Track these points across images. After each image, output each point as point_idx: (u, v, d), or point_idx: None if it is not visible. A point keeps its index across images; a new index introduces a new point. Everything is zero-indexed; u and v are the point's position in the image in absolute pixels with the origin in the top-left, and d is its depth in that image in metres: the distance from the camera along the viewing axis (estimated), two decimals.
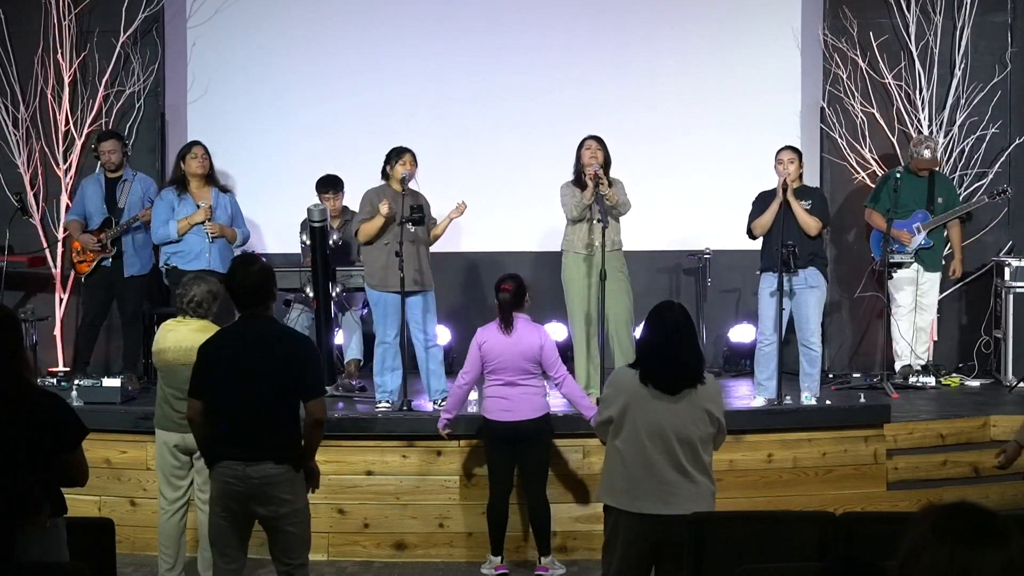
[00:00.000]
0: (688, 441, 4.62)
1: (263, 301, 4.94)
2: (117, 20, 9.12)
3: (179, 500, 6.10)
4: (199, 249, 7.86)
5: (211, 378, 4.89)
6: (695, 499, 4.63)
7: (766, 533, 4.77)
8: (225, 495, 4.84)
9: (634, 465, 4.64)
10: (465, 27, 9.48)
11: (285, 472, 4.82)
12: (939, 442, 7.43)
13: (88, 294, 8.43)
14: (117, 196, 8.29)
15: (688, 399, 4.62)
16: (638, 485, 4.63)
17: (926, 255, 8.67)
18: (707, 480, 4.70)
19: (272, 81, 9.44)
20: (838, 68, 9.17)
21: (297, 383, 4.86)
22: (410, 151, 7.44)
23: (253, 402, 4.79)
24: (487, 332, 6.49)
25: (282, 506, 4.83)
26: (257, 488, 4.78)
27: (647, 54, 9.43)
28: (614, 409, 4.69)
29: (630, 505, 4.65)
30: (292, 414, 4.88)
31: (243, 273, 4.96)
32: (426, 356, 7.43)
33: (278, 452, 4.80)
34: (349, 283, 8.09)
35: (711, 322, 9.42)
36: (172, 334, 6.07)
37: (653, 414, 4.61)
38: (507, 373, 6.41)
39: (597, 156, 7.63)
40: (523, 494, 6.63)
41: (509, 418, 6.40)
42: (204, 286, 6.10)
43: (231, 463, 4.80)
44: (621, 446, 4.68)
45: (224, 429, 4.82)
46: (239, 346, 4.89)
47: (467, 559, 6.86)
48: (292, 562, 4.94)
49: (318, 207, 7.66)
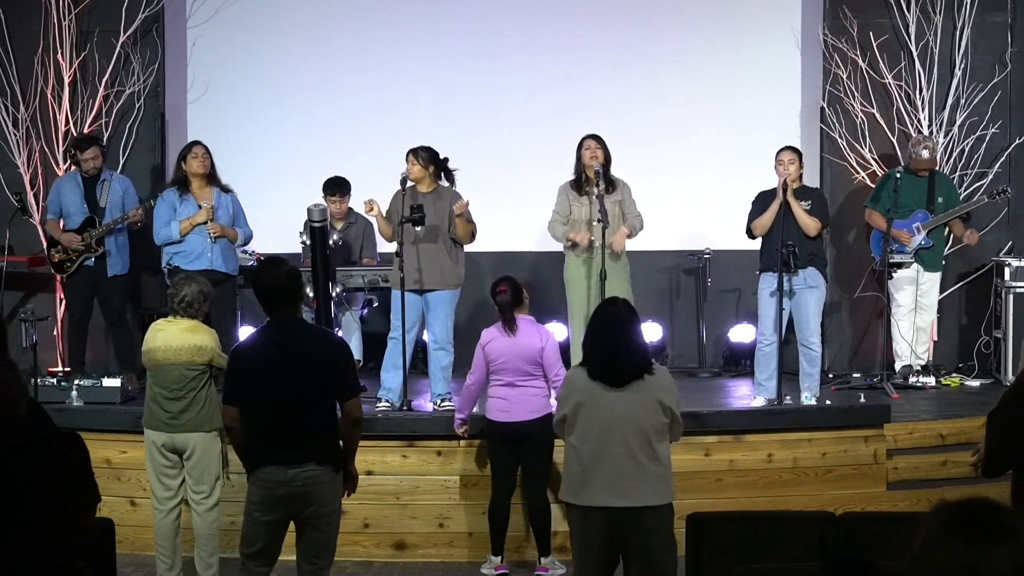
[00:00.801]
0: (641, 431, 4.67)
1: (293, 302, 4.91)
2: (117, 20, 9.11)
3: (171, 499, 6.09)
4: (201, 249, 7.86)
5: (246, 383, 4.85)
6: (650, 491, 4.68)
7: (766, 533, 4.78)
8: (267, 500, 4.80)
9: (588, 460, 4.70)
10: (465, 28, 9.47)
11: (326, 473, 4.81)
12: (939, 442, 7.43)
13: (72, 294, 8.42)
14: (98, 196, 8.27)
15: (637, 390, 4.69)
16: (592, 479, 4.69)
17: (926, 255, 8.67)
18: (663, 470, 4.73)
19: (272, 81, 9.44)
20: (838, 68, 9.17)
21: (334, 383, 4.84)
22: (412, 152, 7.46)
23: (291, 405, 4.76)
24: (491, 333, 6.52)
25: (323, 507, 4.82)
26: (300, 490, 4.77)
27: (647, 54, 9.43)
28: (567, 407, 4.79)
29: (585, 499, 4.71)
30: (330, 415, 4.87)
31: (272, 275, 4.91)
32: (437, 357, 7.46)
33: (319, 453, 4.79)
34: (349, 283, 8.09)
35: (711, 322, 9.43)
36: (162, 334, 6.06)
37: (605, 408, 4.69)
38: (508, 374, 6.43)
39: (597, 155, 7.63)
40: (524, 494, 6.64)
41: (507, 419, 6.42)
42: (195, 286, 6.10)
43: (272, 468, 4.77)
44: (576, 442, 4.76)
45: (272, 432, 4.76)
46: (272, 349, 4.84)
47: (467, 559, 6.86)
48: (320, 563, 4.93)
49: (318, 207, 7.65)
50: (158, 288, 9.33)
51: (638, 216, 7.75)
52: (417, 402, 7.46)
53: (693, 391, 8.20)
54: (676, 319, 9.55)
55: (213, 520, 6.10)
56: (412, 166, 7.43)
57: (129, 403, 7.46)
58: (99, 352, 8.87)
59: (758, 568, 4.33)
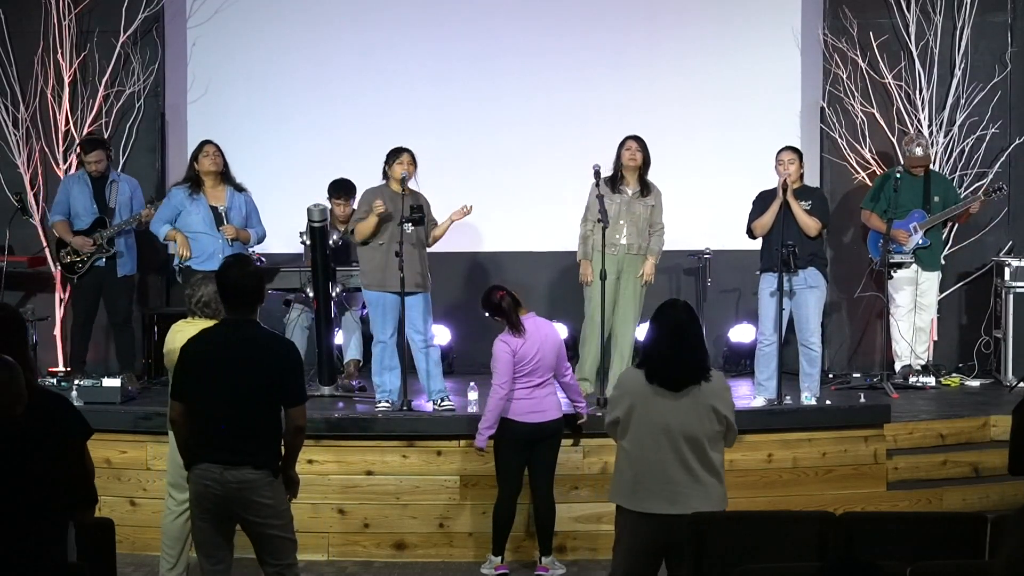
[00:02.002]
0: (694, 439, 4.62)
1: (253, 304, 4.91)
2: (117, 20, 9.11)
3: (187, 501, 6.09)
4: (212, 250, 7.85)
5: (193, 380, 4.83)
6: (702, 499, 4.63)
7: (766, 533, 4.77)
8: (203, 498, 4.80)
9: (640, 464, 4.65)
10: (465, 28, 9.47)
11: (263, 477, 4.76)
12: (939, 442, 7.44)
13: (79, 295, 8.42)
14: (107, 196, 8.27)
15: (693, 396, 4.62)
16: (644, 485, 4.64)
17: (924, 254, 8.67)
18: (715, 481, 4.68)
19: (272, 81, 9.44)
20: (838, 68, 9.17)
21: (280, 389, 4.81)
22: (408, 151, 7.42)
23: (235, 406, 4.73)
24: (513, 340, 6.40)
25: (262, 510, 4.79)
26: (235, 492, 4.74)
27: (647, 54, 9.43)
28: (620, 410, 4.71)
29: (637, 505, 4.66)
30: (274, 420, 4.82)
31: (239, 272, 4.90)
32: (424, 357, 7.41)
33: (257, 457, 4.75)
34: (349, 283, 8.09)
35: (711, 322, 9.41)
36: (181, 335, 6.05)
37: (658, 413, 4.62)
38: (539, 373, 6.39)
39: (636, 157, 7.63)
40: (530, 493, 6.62)
41: (538, 419, 6.39)
42: (212, 286, 6.09)
43: (209, 466, 4.75)
44: (628, 446, 4.70)
45: (214, 431, 4.74)
46: (223, 349, 4.82)
47: (467, 559, 6.85)
48: (280, 563, 4.91)
49: (318, 207, 7.65)
50: (159, 288, 9.35)
51: (662, 229, 7.75)
52: (417, 402, 7.45)
53: None
54: None
55: None
56: (411, 166, 7.41)
57: (129, 403, 7.46)
58: (99, 352, 8.87)
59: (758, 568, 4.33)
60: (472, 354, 8.80)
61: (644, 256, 7.68)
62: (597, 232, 7.45)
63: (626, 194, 7.63)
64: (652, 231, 7.72)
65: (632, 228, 7.54)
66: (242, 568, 5.71)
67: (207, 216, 7.88)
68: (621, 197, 7.62)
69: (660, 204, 7.76)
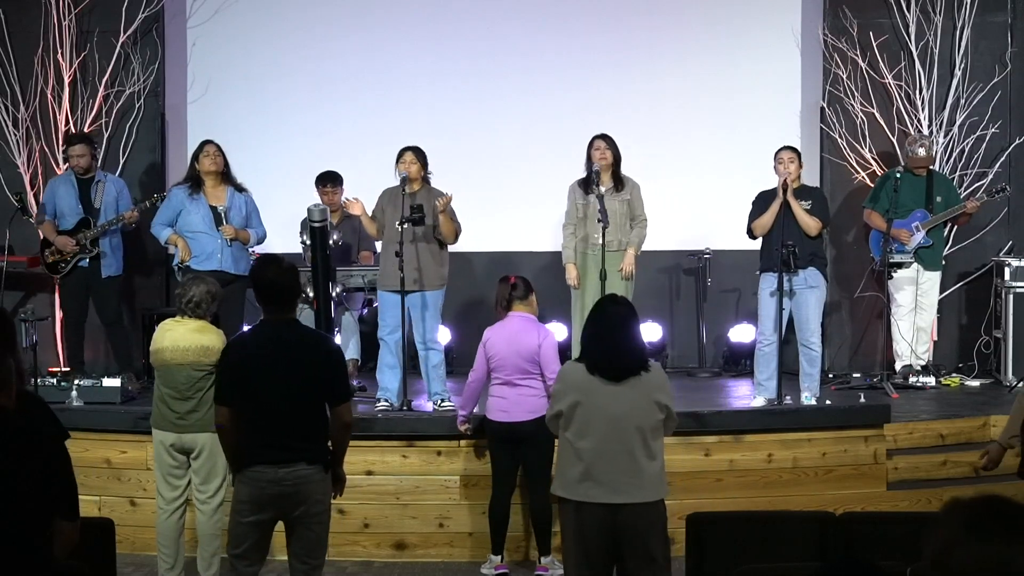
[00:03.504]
0: (638, 429, 4.70)
1: (290, 301, 4.91)
2: (117, 20, 9.12)
3: (177, 500, 6.10)
4: (211, 250, 7.85)
5: (239, 383, 4.83)
6: (644, 488, 4.69)
7: (766, 533, 4.79)
8: (257, 499, 4.79)
9: (588, 456, 4.72)
10: (465, 28, 9.48)
11: (317, 472, 4.80)
12: (939, 442, 7.43)
13: (67, 295, 8.43)
14: (92, 197, 8.27)
15: (635, 388, 4.72)
16: (589, 476, 4.70)
17: (926, 254, 8.68)
18: (658, 467, 4.76)
19: (272, 81, 9.44)
20: (838, 68, 9.17)
21: (325, 387, 4.84)
22: (411, 149, 7.44)
23: (282, 405, 4.75)
24: (492, 331, 6.54)
25: (313, 506, 4.81)
26: (291, 489, 4.76)
27: (647, 54, 9.43)
28: (563, 403, 4.80)
29: (582, 495, 4.72)
30: (321, 416, 4.85)
31: (275, 271, 4.86)
32: (425, 357, 7.43)
33: (309, 453, 4.78)
34: (349, 283, 8.09)
35: (711, 322, 9.43)
36: (170, 334, 6.07)
37: (601, 405, 4.71)
38: (505, 372, 6.43)
39: (606, 156, 7.65)
40: (525, 494, 6.63)
41: (506, 418, 6.42)
42: (203, 286, 6.10)
43: (262, 467, 4.75)
44: (572, 438, 4.77)
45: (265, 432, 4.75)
46: (266, 349, 4.82)
47: (467, 559, 6.85)
48: (312, 562, 4.92)
49: (318, 207, 7.65)
50: (157, 288, 9.35)
51: (643, 222, 7.77)
52: (417, 402, 7.46)
53: (693, 391, 8.21)
54: (676, 319, 9.56)
55: (217, 520, 6.10)
56: (412, 164, 7.42)
57: (129, 403, 7.46)
58: (98, 352, 8.88)
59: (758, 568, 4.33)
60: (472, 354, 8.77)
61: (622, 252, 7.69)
62: (579, 233, 7.65)
63: (594, 194, 7.63)
64: (634, 224, 7.74)
65: (612, 225, 7.51)
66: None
67: (207, 216, 7.88)
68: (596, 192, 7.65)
69: (638, 196, 7.76)
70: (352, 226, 8.43)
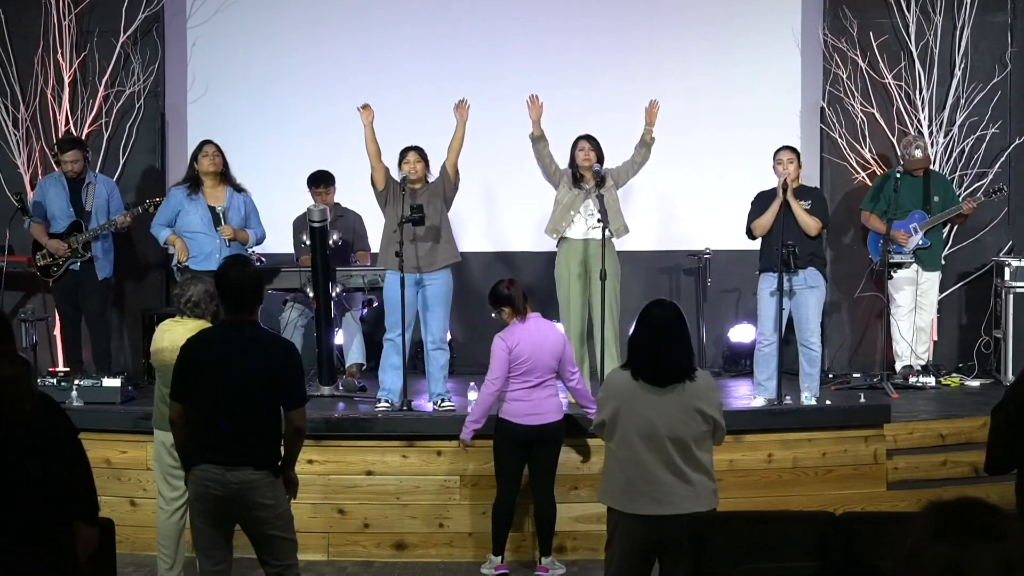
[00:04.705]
0: (679, 439, 4.62)
1: (252, 304, 4.91)
2: (117, 20, 9.12)
3: (177, 500, 6.09)
4: (209, 250, 7.85)
5: (194, 381, 4.84)
6: (692, 499, 4.63)
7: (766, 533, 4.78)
8: (203, 499, 4.81)
9: (628, 466, 4.66)
10: (465, 28, 9.48)
11: (265, 477, 4.77)
12: (939, 442, 7.43)
13: (60, 298, 8.41)
14: (83, 199, 8.26)
15: (678, 397, 4.63)
16: (633, 486, 4.65)
17: (924, 255, 8.68)
18: (705, 478, 4.68)
19: (272, 81, 9.44)
20: (838, 68, 9.17)
21: (280, 391, 4.81)
22: (414, 149, 7.47)
23: (235, 407, 4.73)
24: (515, 335, 6.40)
25: (263, 510, 4.80)
26: (236, 493, 4.75)
27: (647, 54, 9.43)
28: (606, 412, 4.74)
29: (626, 506, 4.67)
30: (274, 421, 4.83)
31: (237, 273, 4.89)
32: (433, 357, 7.48)
33: (257, 458, 4.76)
34: (349, 283, 8.09)
35: (711, 322, 9.43)
36: (169, 334, 6.06)
37: (644, 415, 4.63)
38: (536, 374, 6.38)
39: (590, 157, 7.67)
40: (531, 493, 6.62)
41: (536, 421, 6.38)
42: (201, 286, 6.10)
43: (209, 467, 4.76)
44: (615, 448, 4.72)
45: (214, 432, 4.75)
46: (223, 350, 4.82)
47: (467, 559, 6.85)
48: (280, 563, 4.91)
49: (318, 207, 7.66)
50: (157, 288, 9.35)
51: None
52: (417, 402, 7.46)
53: None
54: None
55: None
56: (417, 163, 7.44)
57: (129, 403, 7.47)
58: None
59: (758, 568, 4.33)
60: (473, 354, 8.80)
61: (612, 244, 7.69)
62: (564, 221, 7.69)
63: (584, 190, 7.67)
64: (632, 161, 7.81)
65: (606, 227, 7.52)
66: (242, 568, 5.73)
67: (205, 216, 7.88)
68: (580, 192, 7.68)
69: (613, 170, 7.78)
70: (345, 224, 8.44)
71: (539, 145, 7.78)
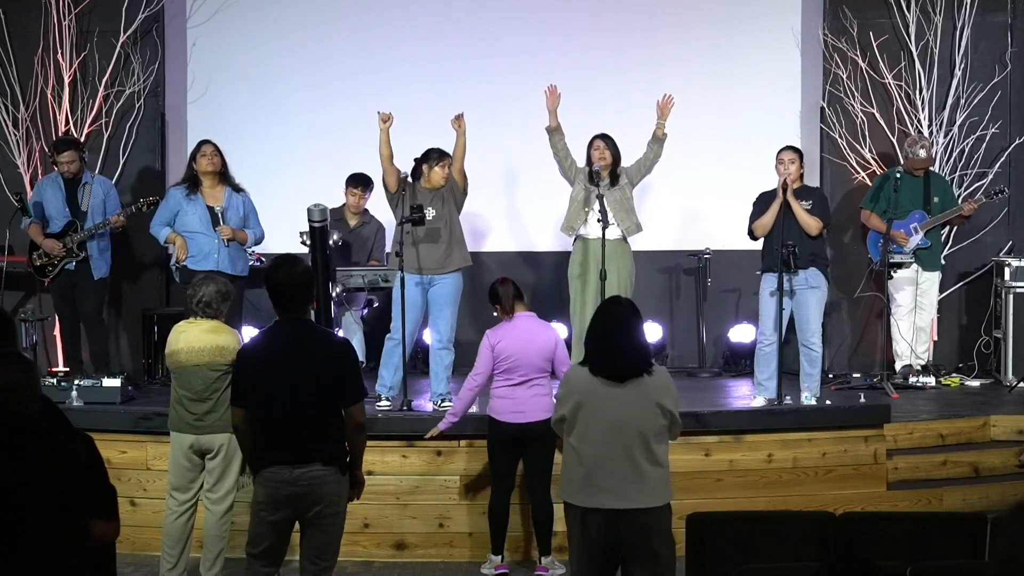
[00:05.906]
0: (640, 434, 4.67)
1: (304, 302, 4.91)
2: (117, 20, 9.12)
3: (189, 501, 6.11)
4: (208, 249, 7.84)
5: (253, 385, 4.83)
6: (648, 493, 4.67)
7: (766, 533, 4.79)
8: (273, 500, 4.79)
9: (588, 460, 4.70)
10: (465, 28, 9.48)
11: (332, 473, 4.80)
12: (939, 442, 7.43)
13: (57, 298, 8.40)
14: (79, 199, 8.25)
15: (638, 391, 4.68)
16: (593, 480, 4.68)
17: (924, 255, 8.68)
18: (661, 474, 4.73)
19: (272, 81, 9.44)
20: (838, 68, 9.17)
21: (339, 387, 4.83)
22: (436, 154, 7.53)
23: (297, 406, 4.74)
24: (500, 332, 6.50)
25: (327, 507, 4.81)
26: (305, 490, 4.76)
27: (647, 54, 9.43)
28: (566, 407, 4.78)
29: (586, 500, 4.71)
30: (336, 417, 4.85)
31: (288, 272, 4.86)
32: (439, 357, 7.51)
33: (325, 454, 4.79)
34: (349, 283, 8.09)
35: (711, 322, 9.43)
36: (184, 335, 6.07)
37: (604, 410, 4.68)
38: (520, 372, 6.41)
39: (605, 156, 7.66)
40: (527, 494, 6.63)
41: (520, 419, 6.40)
42: (213, 286, 6.11)
43: (278, 468, 4.75)
44: (575, 443, 4.76)
45: (280, 433, 4.75)
46: (280, 350, 4.82)
47: (467, 559, 6.86)
48: (323, 563, 4.91)
49: (318, 207, 7.65)
50: (157, 288, 9.34)
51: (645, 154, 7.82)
52: (417, 402, 7.46)
53: (693, 391, 8.20)
54: (676, 319, 9.56)
55: (226, 522, 6.11)
56: (444, 168, 7.45)
57: (129, 403, 7.47)
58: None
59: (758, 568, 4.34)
60: (471, 354, 8.77)
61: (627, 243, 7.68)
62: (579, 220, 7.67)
63: (593, 193, 7.66)
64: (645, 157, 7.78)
65: (617, 215, 7.53)
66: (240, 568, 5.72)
67: (203, 216, 7.87)
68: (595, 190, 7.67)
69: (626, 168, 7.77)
70: (369, 230, 8.48)
71: (555, 137, 7.77)
